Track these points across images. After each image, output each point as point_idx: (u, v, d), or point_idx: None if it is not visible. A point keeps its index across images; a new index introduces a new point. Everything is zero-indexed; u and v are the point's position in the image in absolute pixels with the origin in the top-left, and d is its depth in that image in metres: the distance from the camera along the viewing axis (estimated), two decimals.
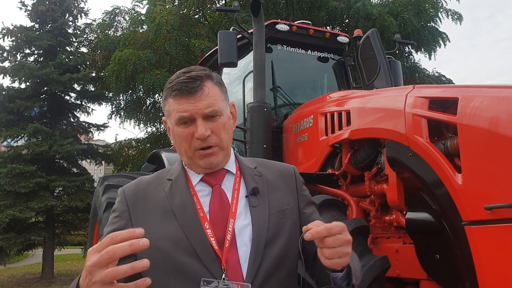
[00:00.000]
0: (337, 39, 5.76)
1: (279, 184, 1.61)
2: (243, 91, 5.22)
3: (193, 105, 1.47)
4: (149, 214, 1.50)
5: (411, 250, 3.17)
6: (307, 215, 1.60)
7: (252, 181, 1.57)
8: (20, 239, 13.61)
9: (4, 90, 15.33)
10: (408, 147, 3.00)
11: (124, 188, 1.60)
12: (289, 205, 1.57)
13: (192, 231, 1.42)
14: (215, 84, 1.54)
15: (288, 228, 1.52)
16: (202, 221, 1.44)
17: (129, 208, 1.53)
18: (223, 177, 1.57)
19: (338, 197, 3.84)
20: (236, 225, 1.45)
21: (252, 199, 1.51)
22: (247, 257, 1.42)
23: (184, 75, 1.51)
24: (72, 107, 16.69)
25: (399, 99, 3.19)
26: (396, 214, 3.38)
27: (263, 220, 1.48)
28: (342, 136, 3.85)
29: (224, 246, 1.41)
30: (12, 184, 13.68)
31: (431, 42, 13.67)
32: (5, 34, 15.58)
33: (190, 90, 1.47)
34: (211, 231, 1.43)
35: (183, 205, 1.48)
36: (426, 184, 2.91)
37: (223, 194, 1.52)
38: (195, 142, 1.49)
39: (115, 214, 1.55)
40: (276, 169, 1.67)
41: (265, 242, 1.44)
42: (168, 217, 1.46)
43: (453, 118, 2.72)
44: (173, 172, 1.61)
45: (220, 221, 1.45)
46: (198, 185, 1.55)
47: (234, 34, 4.87)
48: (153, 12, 12.96)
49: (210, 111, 1.48)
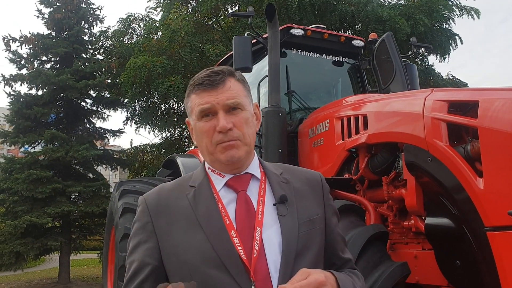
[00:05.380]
0: (352, 43, 5.72)
1: (306, 192, 1.55)
2: (257, 96, 5.21)
3: (215, 97, 1.44)
4: (173, 224, 1.44)
5: (430, 256, 3.12)
6: (332, 226, 1.56)
7: (279, 188, 1.50)
8: (37, 244, 13.70)
9: (21, 97, 15.45)
10: (427, 151, 2.96)
11: (146, 197, 1.55)
12: (317, 215, 1.52)
13: (219, 241, 1.37)
14: (238, 81, 1.51)
15: (317, 239, 1.48)
16: (228, 229, 1.39)
17: (152, 218, 1.47)
18: (248, 182, 1.51)
19: (356, 202, 3.80)
20: (264, 235, 1.39)
21: (281, 208, 1.45)
22: (277, 268, 1.36)
23: (207, 71, 1.49)
24: (88, 113, 16.77)
25: (418, 102, 3.15)
26: (415, 220, 3.33)
27: (293, 230, 1.42)
28: (359, 141, 3.81)
29: (252, 256, 1.35)
30: (30, 190, 13.76)
31: (444, 44, 13.43)
32: (23, 42, 15.75)
33: (212, 83, 1.44)
34: (238, 240, 1.37)
35: (208, 214, 1.42)
36: (446, 188, 2.86)
37: (249, 201, 1.46)
38: (216, 136, 1.44)
39: (138, 225, 1.50)
40: (303, 176, 1.61)
41: (295, 254, 1.39)
42: (193, 227, 1.41)
43: (473, 121, 2.68)
44: (195, 179, 1.55)
45: (247, 229, 1.40)
46: (222, 190, 1.49)
47: (248, 39, 4.87)
48: (167, 18, 13.02)
49: (232, 103, 1.45)
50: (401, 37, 11.19)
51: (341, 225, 3.22)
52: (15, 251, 13.47)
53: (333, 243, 1.56)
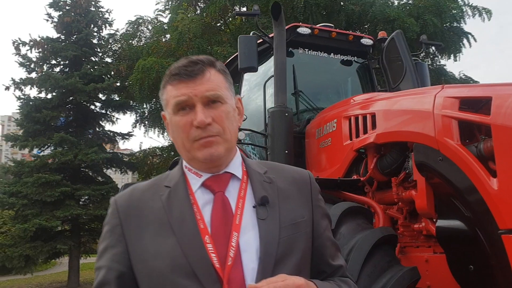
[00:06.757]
0: (361, 41, 5.62)
1: (291, 192, 1.40)
2: (263, 96, 5.13)
3: (192, 88, 1.30)
4: (143, 228, 1.31)
5: (442, 260, 3.03)
6: (320, 230, 1.43)
7: (261, 188, 1.36)
8: (46, 247, 13.77)
9: (31, 100, 15.58)
10: (438, 150, 2.87)
11: (117, 198, 1.42)
12: (303, 218, 1.37)
13: (190, 247, 1.24)
14: (219, 71, 1.37)
15: (302, 244, 1.34)
16: (202, 234, 1.26)
17: (121, 221, 1.34)
18: (227, 183, 1.37)
19: (364, 205, 3.69)
20: (241, 240, 1.26)
21: (261, 210, 1.31)
22: (254, 277, 1.23)
23: (185, 60, 1.36)
24: (97, 116, 16.88)
25: (428, 100, 3.04)
26: (426, 222, 3.23)
27: (273, 235, 1.28)
28: (367, 140, 3.71)
29: (226, 264, 1.22)
30: (39, 193, 13.85)
31: (456, 43, 13.24)
32: (33, 46, 15.88)
33: (189, 74, 1.31)
34: (212, 246, 1.24)
35: (181, 217, 1.29)
36: (458, 189, 2.77)
37: (226, 203, 1.33)
38: (194, 132, 1.30)
39: (107, 228, 1.37)
40: (290, 175, 1.46)
41: (275, 261, 1.26)
42: (164, 231, 1.28)
43: (486, 118, 2.59)
44: (172, 178, 1.41)
45: (222, 234, 1.26)
46: (198, 191, 1.36)
47: (254, 38, 4.79)
48: (175, 21, 13.03)
49: (211, 95, 1.31)
50: (410, 36, 11.01)
51: (348, 228, 3.16)
52: (25, 254, 13.59)
53: (321, 248, 1.42)
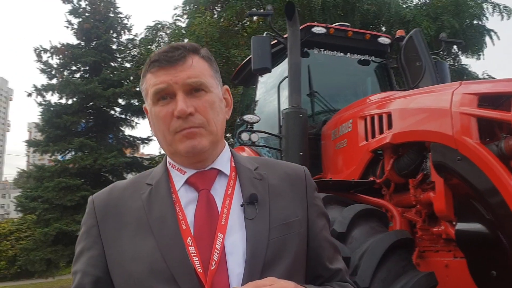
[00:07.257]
0: (378, 40, 5.49)
1: (284, 189, 1.29)
2: (278, 97, 5.05)
3: (172, 75, 1.20)
4: (121, 229, 1.22)
5: (463, 265, 2.92)
6: (316, 231, 1.31)
7: (250, 185, 1.26)
8: (67, 251, 13.90)
9: (52, 106, 15.83)
10: (456, 150, 2.77)
11: (94, 197, 1.33)
12: (297, 217, 1.26)
13: (170, 250, 1.14)
14: (203, 58, 1.27)
15: (294, 246, 1.23)
16: (183, 236, 1.16)
17: (98, 222, 1.26)
18: (213, 179, 1.27)
19: (381, 208, 3.57)
20: (226, 242, 1.16)
21: (249, 209, 1.21)
22: (240, 283, 1.13)
23: (166, 46, 1.27)
24: (117, 121, 17.07)
25: (445, 97, 2.94)
26: (445, 225, 3.12)
27: (262, 236, 1.18)
28: (383, 141, 3.60)
29: (209, 269, 1.12)
30: (59, 198, 14.03)
31: (478, 41, 12.93)
32: (53, 52, 16.16)
33: (169, 60, 1.21)
34: (195, 249, 1.14)
35: (162, 217, 1.20)
36: (478, 191, 2.67)
37: (211, 202, 1.22)
38: (175, 123, 1.20)
39: (83, 229, 1.29)
40: (282, 171, 1.35)
41: (263, 264, 1.15)
42: (143, 233, 1.19)
43: (507, 115, 2.50)
44: (154, 175, 1.32)
45: (206, 236, 1.16)
46: (182, 189, 1.26)
47: (268, 39, 4.71)
48: (192, 25, 13.05)
49: (193, 82, 1.20)
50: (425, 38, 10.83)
51: (360, 231, 3.03)
52: (46, 258, 13.76)
53: (318, 250, 1.31)
